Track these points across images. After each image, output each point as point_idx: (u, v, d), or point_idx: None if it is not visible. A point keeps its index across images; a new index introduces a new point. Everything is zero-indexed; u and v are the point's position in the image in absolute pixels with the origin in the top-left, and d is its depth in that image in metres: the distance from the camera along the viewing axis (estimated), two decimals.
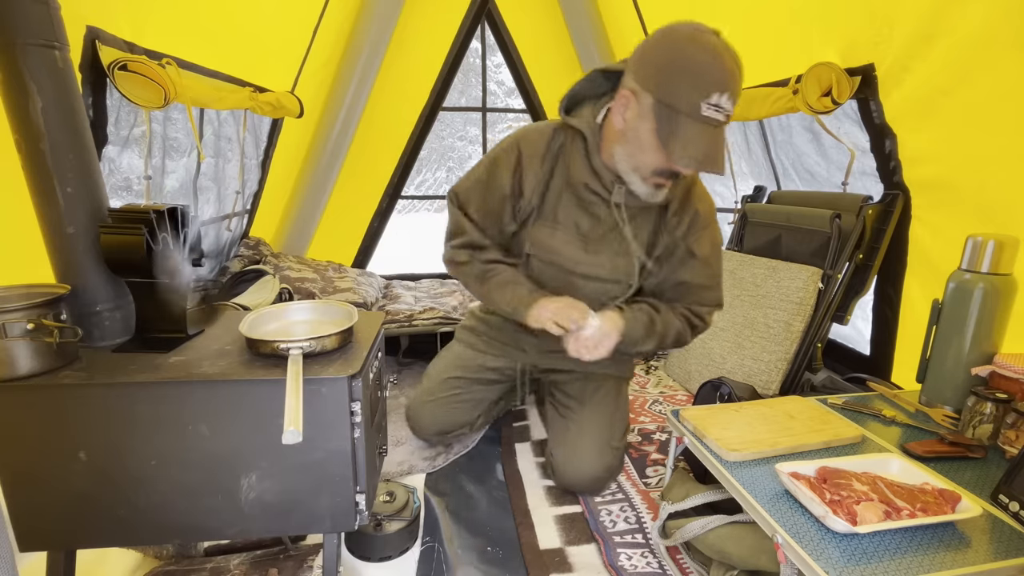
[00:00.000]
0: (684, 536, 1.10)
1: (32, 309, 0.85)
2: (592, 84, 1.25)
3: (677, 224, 1.31)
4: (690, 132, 1.04)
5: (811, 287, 1.74)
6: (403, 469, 1.66)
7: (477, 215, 1.32)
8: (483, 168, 1.33)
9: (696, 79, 1.01)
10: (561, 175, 1.28)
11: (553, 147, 1.28)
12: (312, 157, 2.91)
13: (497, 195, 1.30)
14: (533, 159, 1.28)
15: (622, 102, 1.13)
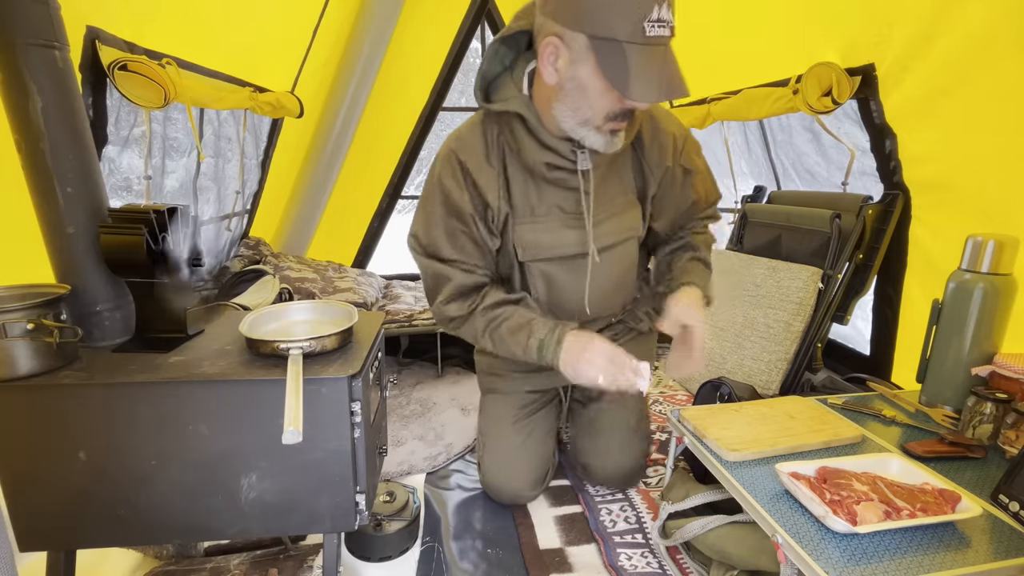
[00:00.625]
0: (684, 536, 1.10)
1: (32, 309, 0.85)
2: (497, 57, 1.11)
3: (660, 154, 1.21)
4: (640, 60, 0.89)
5: (811, 287, 1.74)
6: (403, 469, 1.66)
7: (452, 253, 1.16)
8: (432, 200, 1.17)
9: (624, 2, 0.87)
10: (515, 166, 1.14)
11: (491, 141, 1.15)
12: (312, 157, 2.91)
13: (462, 220, 1.14)
14: (478, 163, 1.13)
15: (549, 52, 0.98)
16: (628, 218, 1.23)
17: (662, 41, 0.90)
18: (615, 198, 1.21)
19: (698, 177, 1.28)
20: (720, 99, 2.19)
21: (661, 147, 1.21)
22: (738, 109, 2.07)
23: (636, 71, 0.89)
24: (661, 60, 0.90)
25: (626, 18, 0.87)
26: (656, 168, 1.22)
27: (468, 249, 1.17)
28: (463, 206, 1.14)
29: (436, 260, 1.18)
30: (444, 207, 1.15)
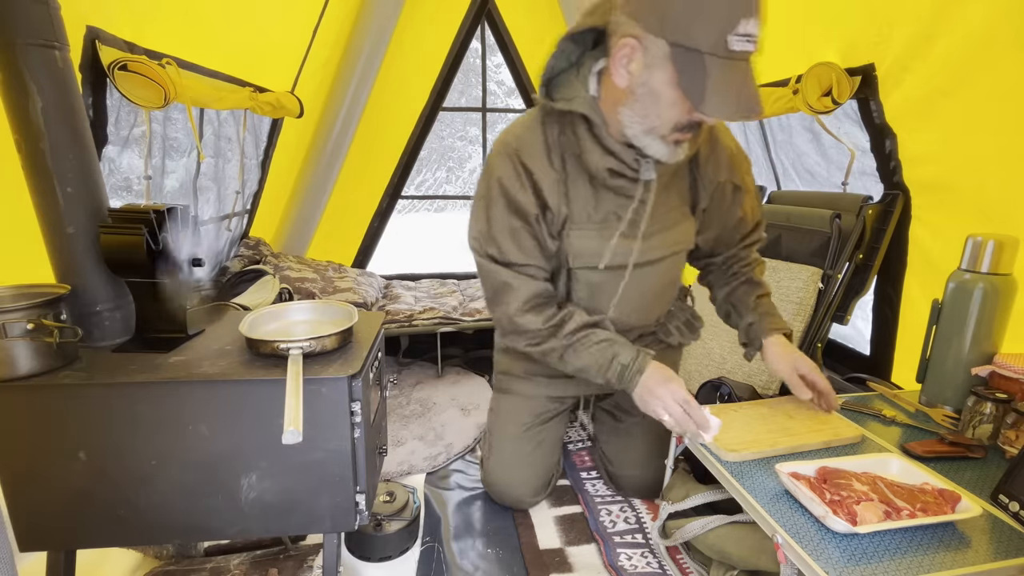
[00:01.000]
0: (684, 536, 1.10)
1: (32, 309, 0.85)
2: (564, 55, 1.06)
3: (715, 169, 1.18)
4: (721, 75, 0.85)
5: (811, 287, 1.74)
6: (403, 469, 1.66)
7: (518, 256, 1.11)
8: (492, 201, 1.11)
9: (715, 9, 0.82)
10: (576, 169, 1.10)
11: (551, 141, 1.10)
12: (312, 157, 2.90)
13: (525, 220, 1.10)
14: (540, 165, 1.09)
15: (623, 54, 0.93)
16: (679, 231, 1.21)
17: (745, 56, 0.86)
18: (671, 211, 1.17)
19: (747, 196, 1.26)
20: None
21: (717, 161, 1.18)
22: None
23: (714, 86, 0.86)
24: (742, 77, 0.86)
25: (712, 29, 0.83)
26: (709, 182, 1.19)
27: (532, 251, 1.12)
28: (527, 207, 1.09)
29: (501, 265, 1.12)
30: (506, 208, 1.10)
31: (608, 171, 1.07)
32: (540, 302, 1.14)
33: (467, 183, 7.83)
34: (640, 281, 1.21)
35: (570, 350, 1.12)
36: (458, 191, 6.91)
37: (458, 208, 4.17)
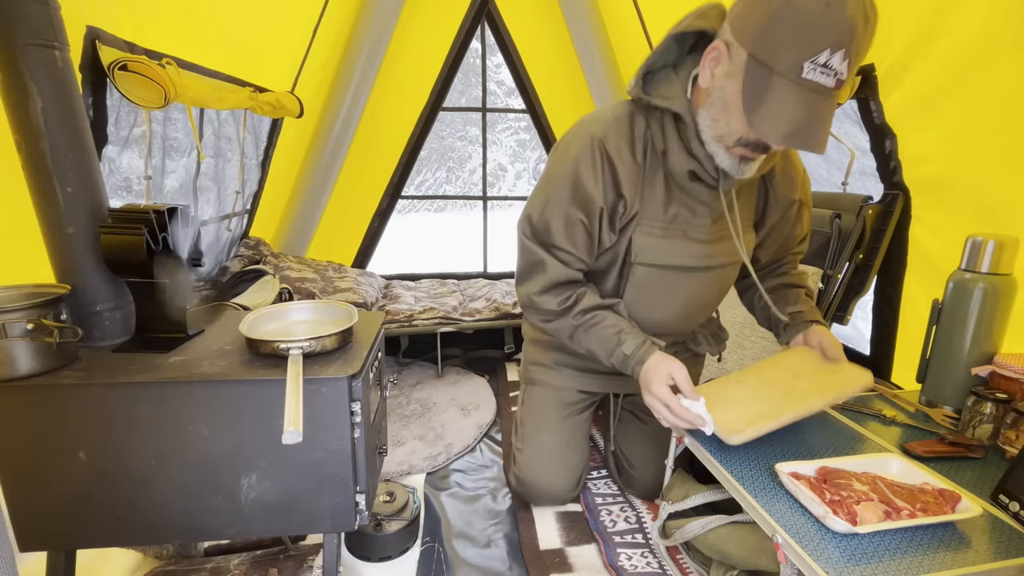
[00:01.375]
0: (684, 536, 1.10)
1: (32, 309, 0.85)
2: (667, 53, 1.04)
3: (789, 187, 1.19)
4: (782, 98, 0.84)
5: (811, 287, 1.74)
6: (403, 469, 1.66)
7: (563, 242, 1.11)
8: (559, 184, 1.10)
9: (800, 32, 0.80)
10: (656, 166, 1.09)
11: (637, 135, 1.08)
12: (312, 157, 2.91)
13: (587, 208, 1.09)
14: (623, 154, 1.07)
15: (713, 56, 0.95)
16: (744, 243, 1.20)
17: (818, 88, 0.83)
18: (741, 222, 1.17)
19: (807, 212, 1.30)
20: None
21: (791, 180, 1.19)
22: None
23: (772, 104, 0.85)
24: (807, 107, 0.84)
25: (790, 52, 0.82)
26: (782, 200, 1.20)
27: (579, 240, 1.12)
28: (594, 197, 1.08)
29: (540, 245, 1.13)
30: (572, 193, 1.09)
31: (689, 172, 1.07)
32: (561, 285, 1.15)
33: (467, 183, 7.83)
34: (692, 285, 1.21)
35: (580, 330, 1.14)
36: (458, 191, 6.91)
37: (458, 208, 4.17)
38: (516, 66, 3.13)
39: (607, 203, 1.09)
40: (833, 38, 0.79)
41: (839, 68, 0.81)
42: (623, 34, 2.85)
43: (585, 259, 1.15)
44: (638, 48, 2.67)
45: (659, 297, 1.21)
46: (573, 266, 1.14)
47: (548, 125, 3.25)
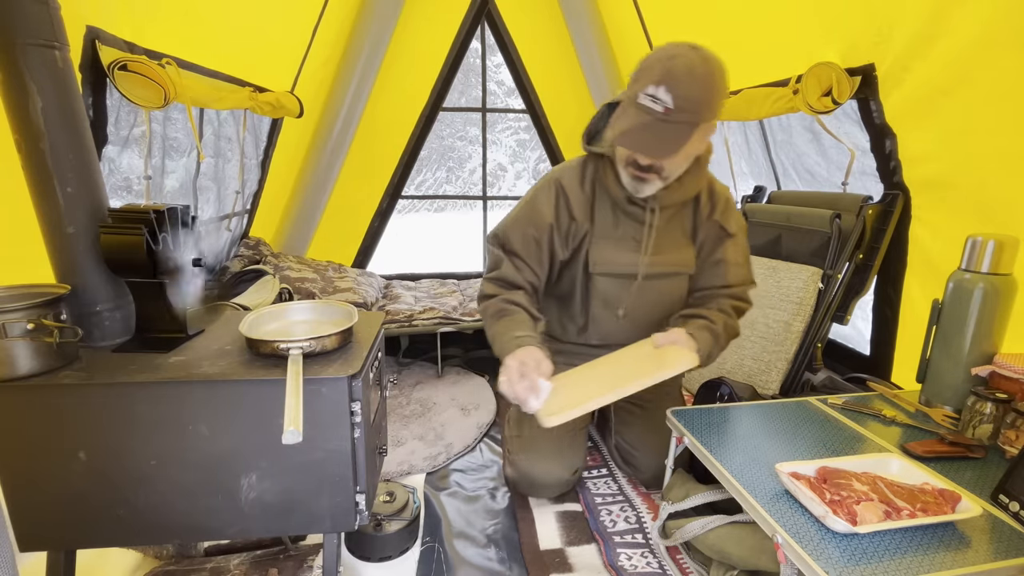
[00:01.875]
0: (684, 536, 1.10)
1: (32, 309, 0.85)
2: (602, 116, 1.39)
3: (711, 210, 1.40)
4: (627, 116, 1.16)
5: (811, 287, 1.74)
6: (403, 469, 1.66)
7: (519, 248, 1.36)
8: (522, 209, 1.40)
9: (643, 74, 1.14)
10: (603, 196, 1.38)
11: (588, 174, 1.39)
12: (312, 157, 2.91)
13: (540, 226, 1.36)
14: (573, 186, 1.37)
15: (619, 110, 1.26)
16: (681, 255, 1.42)
17: (647, 110, 1.12)
18: (675, 239, 1.41)
19: (731, 244, 1.42)
20: None
21: (713, 204, 1.41)
22: (738, 109, 2.07)
23: (619, 120, 1.18)
24: (643, 122, 1.13)
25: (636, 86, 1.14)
26: (705, 220, 1.41)
27: (530, 250, 1.37)
28: (546, 216, 1.36)
29: (502, 249, 1.39)
30: (529, 216, 1.38)
31: (626, 199, 1.34)
32: (506, 283, 1.36)
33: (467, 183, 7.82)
34: (647, 292, 1.41)
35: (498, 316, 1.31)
36: (458, 191, 6.91)
37: (458, 208, 4.18)
38: (516, 66, 3.13)
39: (558, 224, 1.37)
40: (658, 77, 1.10)
41: (663, 98, 1.10)
42: (623, 34, 2.86)
43: (535, 269, 1.38)
44: (638, 48, 2.67)
45: (620, 303, 1.42)
46: (523, 272, 1.37)
47: (548, 125, 3.25)
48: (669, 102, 1.10)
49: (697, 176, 1.34)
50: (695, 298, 1.45)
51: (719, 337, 1.29)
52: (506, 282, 1.37)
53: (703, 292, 1.44)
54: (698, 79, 1.11)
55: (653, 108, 1.12)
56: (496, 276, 1.37)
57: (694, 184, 1.35)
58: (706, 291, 1.43)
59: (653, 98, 1.11)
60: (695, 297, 1.45)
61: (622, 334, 1.44)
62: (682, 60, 1.11)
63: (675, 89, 1.10)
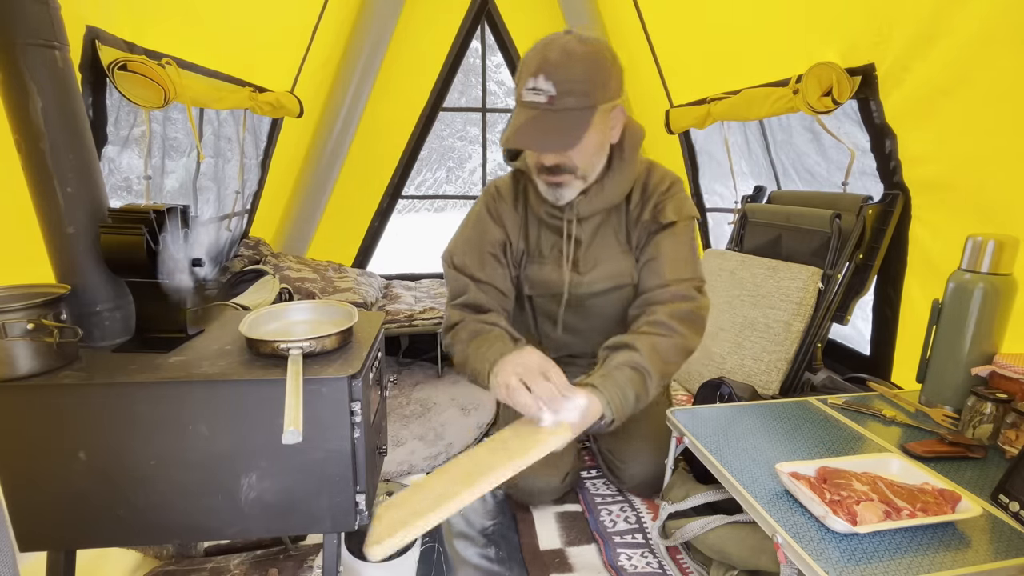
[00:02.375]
0: (684, 536, 1.10)
1: (32, 309, 0.85)
2: None
3: (641, 210, 1.27)
4: (516, 114, 1.10)
5: (811, 287, 1.74)
6: (403, 469, 1.66)
7: (480, 273, 1.27)
8: (470, 226, 1.33)
9: (522, 69, 1.09)
10: (532, 213, 1.31)
11: (518, 190, 1.32)
12: (312, 157, 2.91)
13: (493, 243, 1.29)
14: (507, 207, 1.32)
15: None
16: (617, 266, 1.29)
17: (532, 104, 1.06)
18: (607, 248, 1.30)
19: (666, 236, 1.22)
20: (720, 99, 2.19)
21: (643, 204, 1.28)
22: (738, 109, 2.07)
23: (511, 122, 1.10)
24: (530, 117, 1.07)
25: (519, 84, 1.10)
26: (635, 225, 1.29)
27: (491, 269, 1.29)
28: (494, 235, 1.30)
29: (463, 274, 1.29)
30: (478, 235, 1.31)
31: (547, 212, 1.28)
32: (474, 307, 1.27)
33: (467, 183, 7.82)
34: (585, 310, 1.34)
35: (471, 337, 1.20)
36: (458, 191, 6.91)
37: (458, 208, 4.17)
38: (516, 66, 3.12)
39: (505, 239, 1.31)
40: (535, 66, 1.05)
41: (544, 87, 1.04)
42: (623, 34, 2.86)
43: (502, 290, 1.29)
44: (638, 48, 2.67)
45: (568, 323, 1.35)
46: (492, 297, 1.28)
47: None
48: (551, 89, 1.03)
49: (621, 176, 1.22)
50: (635, 306, 1.26)
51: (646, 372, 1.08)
52: (475, 307, 1.25)
53: (642, 297, 1.25)
54: (578, 59, 1.04)
55: (537, 100, 1.05)
56: (462, 303, 1.25)
57: (618, 186, 1.23)
58: (645, 294, 1.24)
59: (535, 90, 1.05)
60: (635, 305, 1.26)
61: (576, 346, 1.39)
62: (556, 44, 1.05)
63: (554, 74, 1.03)
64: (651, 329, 1.15)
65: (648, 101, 2.81)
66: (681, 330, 1.15)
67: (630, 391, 1.07)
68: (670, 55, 2.56)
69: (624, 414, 1.07)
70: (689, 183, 2.80)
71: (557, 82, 1.03)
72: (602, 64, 1.06)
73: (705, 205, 2.77)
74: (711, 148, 2.63)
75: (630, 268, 1.30)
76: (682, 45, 2.46)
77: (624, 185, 1.25)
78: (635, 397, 1.07)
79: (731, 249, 2.20)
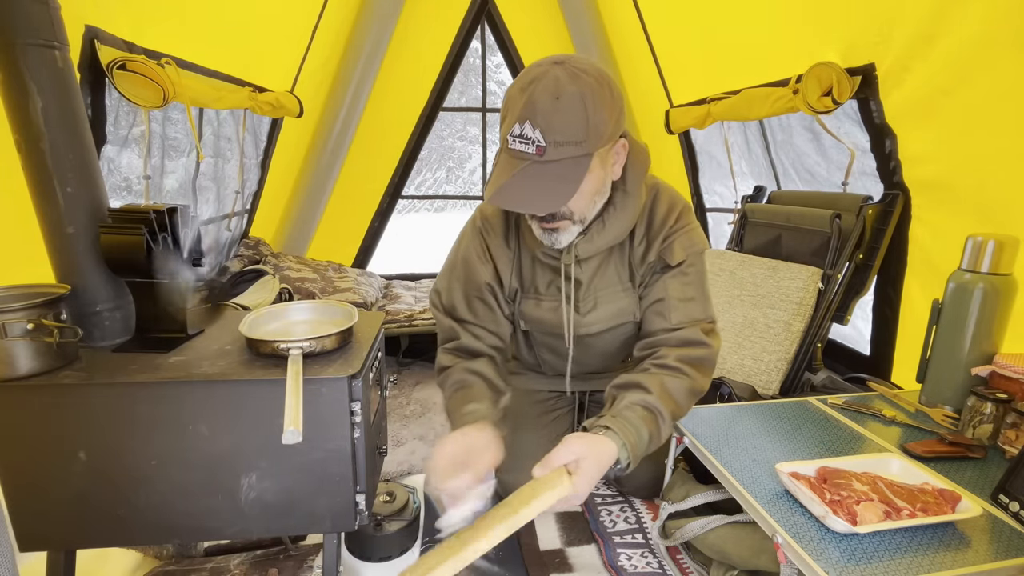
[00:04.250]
0: (684, 536, 1.10)
1: (32, 309, 0.85)
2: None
3: (646, 248, 1.18)
4: (500, 164, 0.97)
5: (811, 287, 1.74)
6: (403, 469, 1.66)
7: (467, 315, 1.22)
8: (455, 267, 1.25)
9: (505, 112, 0.96)
10: (525, 248, 1.22)
11: (511, 224, 1.22)
12: (312, 157, 2.91)
13: (480, 286, 1.22)
14: (498, 243, 1.22)
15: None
16: (623, 304, 1.22)
17: (518, 154, 0.93)
18: (611, 286, 1.22)
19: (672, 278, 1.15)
20: (720, 99, 2.19)
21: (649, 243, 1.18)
22: (738, 109, 2.07)
23: (495, 174, 0.97)
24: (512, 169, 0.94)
25: (503, 128, 0.96)
26: (640, 265, 1.21)
27: (481, 313, 1.23)
28: (482, 276, 1.22)
29: (451, 319, 1.24)
30: (465, 275, 1.23)
31: (542, 253, 1.18)
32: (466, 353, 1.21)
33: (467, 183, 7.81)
34: (588, 347, 1.29)
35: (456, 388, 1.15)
36: (458, 191, 6.91)
37: (458, 208, 4.18)
38: (516, 66, 3.13)
39: (495, 281, 1.23)
40: (521, 113, 0.91)
41: (533, 136, 0.91)
42: (623, 34, 2.86)
43: (494, 330, 1.23)
44: (638, 48, 2.67)
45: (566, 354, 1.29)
46: (483, 339, 1.21)
47: None
48: (539, 139, 0.90)
49: (624, 212, 1.11)
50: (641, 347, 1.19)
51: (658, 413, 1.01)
52: (466, 351, 1.20)
53: (648, 339, 1.18)
54: (569, 101, 0.89)
55: (524, 151, 0.92)
56: (454, 347, 1.21)
57: (621, 223, 1.12)
58: (650, 338, 1.17)
59: (522, 139, 0.91)
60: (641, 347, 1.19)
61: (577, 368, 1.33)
62: (544, 84, 0.90)
63: (542, 122, 0.89)
64: (660, 371, 1.08)
65: (648, 101, 2.81)
66: (691, 373, 1.08)
67: (644, 431, 0.99)
68: (670, 55, 2.56)
69: (638, 456, 0.99)
70: (689, 183, 2.80)
71: (546, 131, 0.90)
72: (598, 103, 0.92)
73: (705, 205, 2.77)
74: (711, 148, 2.62)
75: (632, 306, 1.23)
76: (682, 45, 2.46)
77: (627, 222, 1.13)
78: (648, 437, 1.00)
79: (731, 249, 2.20)
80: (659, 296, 1.16)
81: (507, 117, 0.94)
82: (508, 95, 0.96)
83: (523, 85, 0.92)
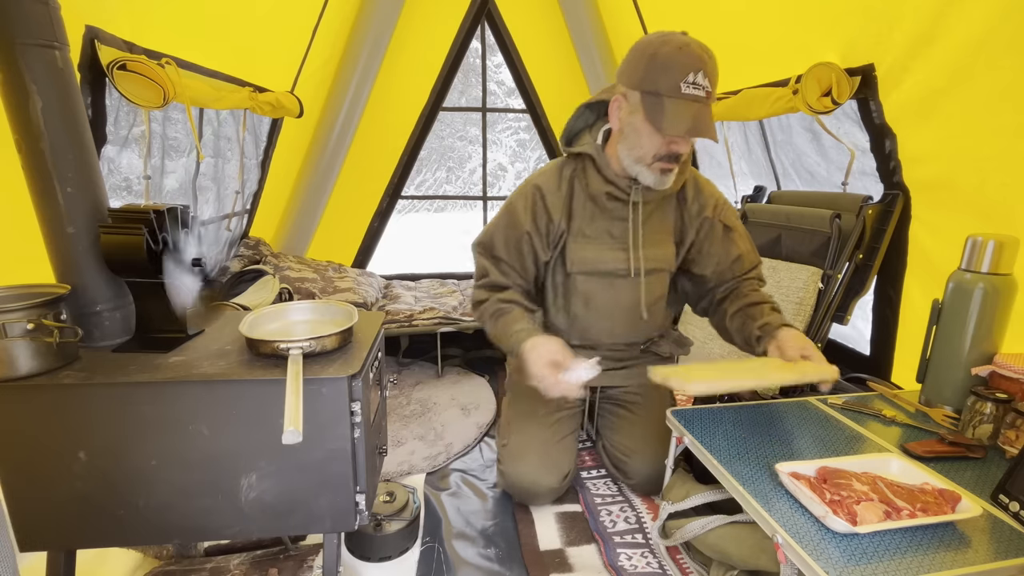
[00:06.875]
0: (684, 536, 1.10)
1: (32, 309, 0.85)
2: (581, 118, 1.45)
3: (700, 209, 1.43)
4: (675, 108, 1.17)
5: (811, 287, 1.74)
6: (403, 469, 1.66)
7: (503, 254, 1.41)
8: (502, 215, 1.45)
9: (670, 67, 1.16)
10: (581, 194, 1.41)
11: (565, 175, 1.42)
12: (312, 157, 2.90)
13: (519, 232, 1.40)
14: (551, 188, 1.41)
15: (615, 106, 1.28)
16: (662, 251, 1.44)
17: (696, 99, 1.16)
18: (655, 234, 1.43)
19: (738, 235, 1.46)
20: (720, 99, 2.19)
21: (702, 204, 1.44)
22: (738, 109, 2.06)
23: (670, 115, 1.18)
24: (695, 111, 1.17)
25: (669, 79, 1.16)
26: (695, 218, 1.44)
27: (513, 254, 1.42)
28: (523, 224, 1.40)
29: (487, 257, 1.44)
30: (509, 223, 1.42)
31: (606, 194, 1.38)
32: (495, 287, 1.42)
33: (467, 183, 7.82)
34: (626, 289, 1.43)
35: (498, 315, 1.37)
36: (458, 191, 6.91)
37: (458, 208, 4.18)
38: (516, 66, 3.13)
39: (537, 228, 1.41)
40: (694, 65, 1.15)
41: (704, 83, 1.16)
42: (623, 34, 2.85)
43: (521, 273, 1.44)
44: None
45: (602, 304, 1.45)
46: (510, 276, 1.43)
47: (548, 125, 3.26)
48: (708, 85, 1.17)
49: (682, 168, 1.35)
50: (722, 291, 1.46)
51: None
52: (496, 286, 1.41)
53: (728, 283, 1.46)
54: (713, 58, 1.18)
55: (698, 95, 1.16)
56: (486, 283, 1.42)
57: (680, 176, 1.37)
58: (730, 282, 1.46)
59: (695, 85, 1.15)
60: (721, 290, 1.46)
61: (603, 333, 1.48)
62: (696, 44, 1.17)
63: (711, 72, 1.17)
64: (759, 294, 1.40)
65: None
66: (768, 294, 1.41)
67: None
68: None
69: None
70: None
71: (711, 79, 1.17)
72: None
73: None
74: (711, 148, 2.63)
75: (672, 255, 1.46)
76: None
77: (681, 177, 1.39)
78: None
79: None
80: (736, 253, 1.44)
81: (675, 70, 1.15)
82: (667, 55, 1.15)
83: (678, 45, 1.16)
